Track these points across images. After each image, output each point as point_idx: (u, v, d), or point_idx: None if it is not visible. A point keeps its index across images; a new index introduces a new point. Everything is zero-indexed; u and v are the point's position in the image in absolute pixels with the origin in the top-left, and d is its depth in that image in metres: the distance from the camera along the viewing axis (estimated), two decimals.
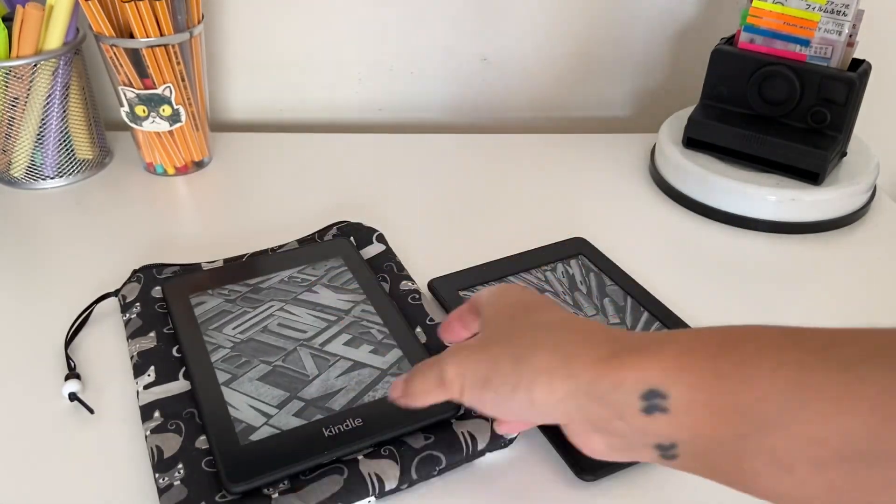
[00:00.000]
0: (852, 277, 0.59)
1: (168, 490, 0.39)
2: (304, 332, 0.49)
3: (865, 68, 0.63)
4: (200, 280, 0.54)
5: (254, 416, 0.43)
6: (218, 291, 0.52)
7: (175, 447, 0.41)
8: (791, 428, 0.25)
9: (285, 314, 0.51)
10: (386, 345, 0.48)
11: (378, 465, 0.41)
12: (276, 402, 0.44)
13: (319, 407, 0.43)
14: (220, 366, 0.46)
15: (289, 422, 0.42)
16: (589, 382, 0.30)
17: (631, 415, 0.29)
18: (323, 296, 0.52)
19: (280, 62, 0.81)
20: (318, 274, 0.54)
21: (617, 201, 0.69)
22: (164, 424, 0.43)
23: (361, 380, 0.45)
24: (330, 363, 0.47)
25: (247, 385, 0.45)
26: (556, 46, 0.81)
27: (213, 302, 0.51)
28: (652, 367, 0.28)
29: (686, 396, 0.27)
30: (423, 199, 0.68)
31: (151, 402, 0.44)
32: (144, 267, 0.55)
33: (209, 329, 0.49)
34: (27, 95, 0.65)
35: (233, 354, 0.47)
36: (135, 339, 0.49)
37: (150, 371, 0.47)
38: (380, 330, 0.49)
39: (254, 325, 0.50)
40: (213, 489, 0.39)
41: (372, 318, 0.50)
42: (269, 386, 0.45)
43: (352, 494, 0.39)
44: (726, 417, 0.27)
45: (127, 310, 0.52)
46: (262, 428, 0.42)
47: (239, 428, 0.42)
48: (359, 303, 0.52)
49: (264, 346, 0.48)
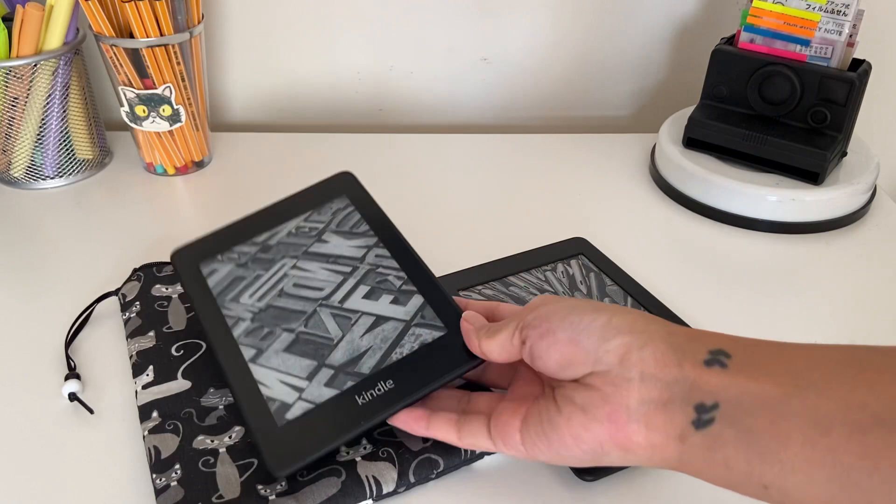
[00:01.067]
0: (852, 277, 0.59)
1: (165, 491, 0.39)
2: (321, 289, 0.47)
3: (865, 68, 0.63)
4: (208, 246, 0.51)
5: (286, 393, 0.41)
6: (228, 256, 0.50)
7: (173, 447, 0.41)
8: (835, 390, 0.28)
9: (299, 272, 0.48)
10: (406, 292, 0.46)
11: (376, 467, 0.40)
12: (305, 373, 0.42)
13: (349, 373, 0.42)
14: (244, 341, 0.44)
15: (321, 393, 0.41)
16: (668, 332, 0.34)
17: (692, 364, 0.32)
18: (334, 244, 0.49)
19: (280, 62, 0.81)
20: (324, 220, 0.51)
21: (617, 201, 0.69)
22: (161, 424, 0.43)
23: (386, 336, 0.43)
24: (352, 321, 0.45)
25: (274, 359, 0.43)
26: (557, 46, 0.81)
27: (225, 269, 0.49)
28: (724, 337, 0.33)
29: (745, 358, 0.31)
30: (423, 200, 0.68)
31: (150, 401, 0.44)
32: (144, 266, 0.55)
33: (226, 301, 0.47)
34: (27, 95, 0.65)
35: (255, 326, 0.45)
36: (134, 338, 0.49)
37: (149, 371, 0.46)
38: (397, 276, 0.47)
39: (270, 290, 0.47)
40: (209, 490, 0.39)
41: (387, 262, 0.48)
42: (295, 357, 0.43)
43: (349, 497, 0.39)
44: (776, 379, 0.29)
45: (126, 309, 0.52)
46: (296, 404, 0.41)
47: (273, 408, 0.40)
48: (371, 247, 0.49)
49: (284, 311, 0.46)
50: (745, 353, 0.31)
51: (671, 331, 0.34)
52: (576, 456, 0.35)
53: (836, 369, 0.29)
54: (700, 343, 0.32)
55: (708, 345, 0.32)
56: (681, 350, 0.33)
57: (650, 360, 0.33)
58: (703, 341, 0.33)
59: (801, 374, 0.29)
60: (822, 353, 0.30)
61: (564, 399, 0.35)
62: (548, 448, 0.35)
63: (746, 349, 0.32)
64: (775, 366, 0.30)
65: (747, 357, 0.31)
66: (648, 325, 0.34)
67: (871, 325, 0.54)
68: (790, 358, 0.30)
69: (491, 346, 0.39)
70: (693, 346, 0.32)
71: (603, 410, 0.33)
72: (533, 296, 0.54)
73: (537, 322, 0.36)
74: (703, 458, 0.31)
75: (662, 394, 0.32)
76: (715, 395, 0.31)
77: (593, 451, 0.34)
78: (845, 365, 0.29)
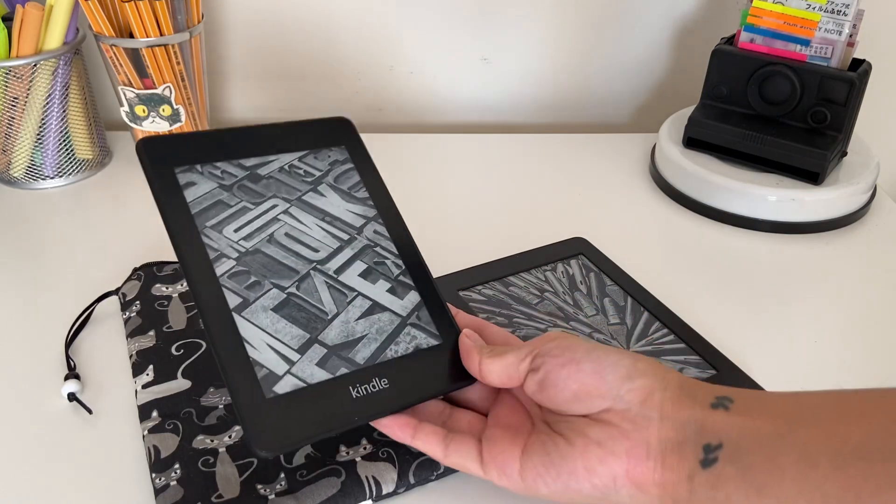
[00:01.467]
0: (852, 277, 0.59)
1: (164, 490, 0.39)
2: (316, 250, 0.43)
3: (865, 68, 0.63)
4: (186, 146, 0.43)
5: (275, 361, 0.37)
6: (209, 171, 0.43)
7: (172, 447, 0.41)
8: (822, 426, 0.30)
9: (292, 221, 0.44)
10: (403, 284, 0.44)
11: (376, 467, 0.40)
12: (297, 344, 0.38)
13: (343, 358, 0.39)
14: (228, 283, 0.39)
15: (313, 373, 0.37)
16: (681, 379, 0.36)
17: (701, 406, 0.34)
18: (331, 201, 0.46)
19: (280, 62, 0.81)
20: (321, 167, 0.47)
21: (617, 201, 0.69)
22: (161, 424, 0.43)
23: (382, 328, 0.41)
24: (348, 299, 0.42)
25: (262, 316, 0.39)
26: (557, 46, 0.81)
27: (206, 185, 0.42)
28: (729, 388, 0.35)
29: (745, 402, 0.33)
30: (422, 199, 0.68)
31: (150, 401, 0.44)
32: (145, 265, 0.55)
33: (207, 226, 0.41)
34: (27, 95, 0.65)
35: (240, 269, 0.40)
36: (134, 337, 0.49)
37: (149, 370, 0.46)
38: (395, 263, 0.45)
39: (258, 231, 0.42)
40: (209, 490, 0.39)
41: (386, 243, 0.45)
42: (286, 321, 0.39)
43: (349, 497, 0.39)
44: (772, 419, 0.32)
45: (127, 308, 0.52)
46: (286, 378, 0.37)
47: (261, 374, 0.36)
48: (370, 219, 0.46)
49: (274, 262, 0.41)
50: (745, 398, 0.34)
51: (683, 379, 0.36)
52: (583, 490, 0.35)
53: (824, 407, 0.32)
54: (708, 390, 0.35)
55: (714, 391, 0.34)
56: (692, 395, 0.34)
57: (669, 403, 0.34)
58: (710, 389, 0.35)
59: (794, 413, 0.32)
60: (813, 395, 0.33)
61: (575, 433, 0.35)
62: (555, 479, 0.35)
63: (747, 395, 0.34)
64: (772, 408, 0.33)
65: (747, 401, 0.33)
66: (666, 373, 0.36)
67: (871, 325, 0.54)
68: (785, 400, 0.33)
69: (492, 368, 0.39)
70: (702, 392, 0.34)
71: (622, 445, 0.34)
72: (533, 296, 0.54)
73: (559, 351, 0.37)
74: (707, 496, 0.32)
75: (678, 434, 0.34)
76: (719, 435, 0.32)
77: (605, 486, 0.34)
78: (832, 402, 0.32)
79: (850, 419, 0.30)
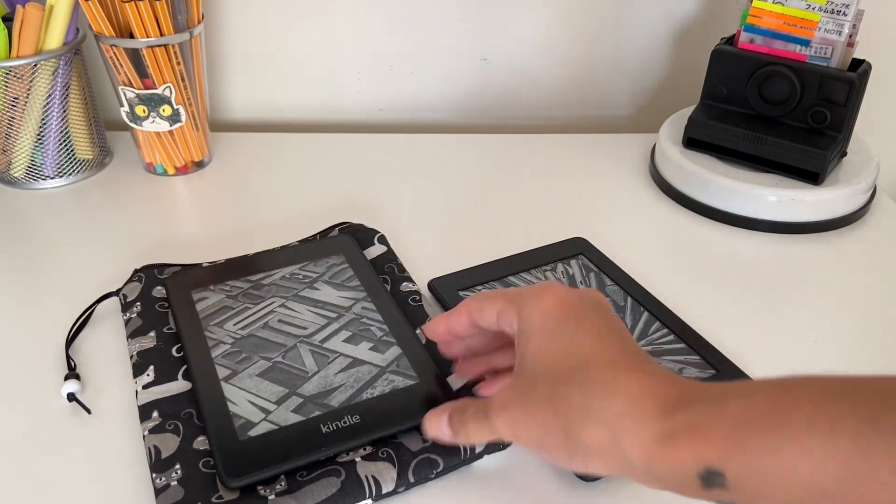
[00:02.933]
0: (852, 277, 0.59)
1: (165, 490, 0.39)
2: (304, 328, 0.49)
3: (865, 68, 0.63)
4: (203, 276, 0.54)
5: (253, 412, 0.43)
6: (220, 287, 0.53)
7: (173, 447, 0.41)
8: (849, 498, 0.25)
9: (286, 311, 0.51)
10: (385, 342, 0.48)
11: (375, 467, 0.40)
12: (275, 398, 0.44)
13: (318, 403, 0.43)
14: (221, 361, 0.46)
15: (287, 418, 0.42)
16: (645, 465, 0.30)
17: (690, 489, 0.29)
18: (324, 293, 0.52)
19: (280, 62, 0.81)
20: (319, 271, 0.54)
21: (617, 201, 0.69)
22: (162, 424, 0.43)
23: (360, 377, 0.45)
24: (329, 360, 0.47)
25: (246, 381, 0.45)
26: (557, 46, 0.81)
27: (215, 298, 0.52)
28: (708, 448, 0.28)
29: (743, 473, 0.27)
30: (422, 200, 0.68)
31: (150, 401, 0.44)
32: (146, 267, 0.55)
33: (210, 325, 0.49)
34: (27, 95, 0.65)
35: (233, 350, 0.47)
36: (135, 338, 0.49)
37: (150, 371, 0.46)
38: (380, 328, 0.49)
39: (255, 322, 0.50)
40: (210, 490, 0.39)
41: (372, 315, 0.50)
42: (268, 382, 0.45)
43: (348, 497, 0.39)
44: (782, 491, 0.27)
45: (127, 309, 0.52)
46: (261, 424, 0.42)
47: (238, 423, 0.42)
48: (359, 300, 0.52)
49: (265, 342, 0.48)
50: (737, 465, 0.28)
51: (648, 461, 0.30)
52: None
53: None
54: (686, 468, 0.29)
55: (695, 467, 0.29)
56: (672, 481, 0.30)
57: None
58: (686, 466, 0.29)
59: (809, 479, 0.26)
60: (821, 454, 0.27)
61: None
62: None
63: (736, 459, 0.28)
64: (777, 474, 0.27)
65: (742, 469, 0.28)
66: (621, 464, 0.31)
67: (871, 325, 0.54)
68: (790, 463, 0.27)
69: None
70: (681, 478, 0.29)
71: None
72: None
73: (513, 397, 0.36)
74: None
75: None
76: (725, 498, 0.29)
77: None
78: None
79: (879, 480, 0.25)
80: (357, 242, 0.57)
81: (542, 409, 0.33)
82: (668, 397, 0.30)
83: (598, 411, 0.31)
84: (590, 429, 0.31)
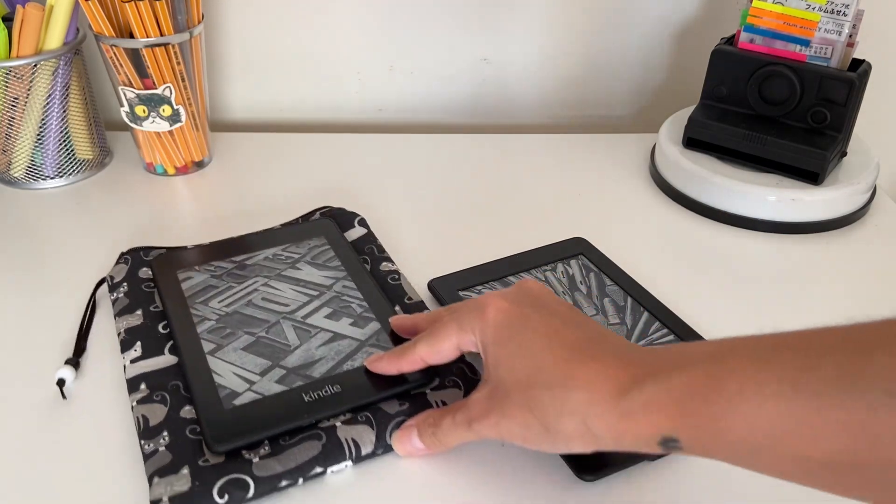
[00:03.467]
0: (852, 277, 0.59)
1: (153, 455, 0.41)
2: (286, 305, 0.51)
3: (865, 68, 0.63)
4: (187, 257, 0.56)
5: (237, 383, 0.45)
6: (205, 268, 0.54)
7: (161, 416, 0.43)
8: (778, 449, 0.29)
9: (269, 289, 0.53)
10: (365, 318, 0.50)
11: (355, 430, 0.42)
12: (259, 370, 0.46)
13: (300, 374, 0.45)
14: (206, 336, 0.48)
15: (270, 388, 0.44)
16: (614, 440, 0.35)
17: (652, 450, 0.34)
18: (306, 272, 0.54)
19: (280, 62, 0.81)
20: (301, 252, 0.56)
21: (617, 201, 0.69)
22: (149, 396, 0.44)
23: (341, 350, 0.47)
24: (311, 334, 0.49)
25: (231, 354, 0.47)
26: (557, 46, 0.81)
27: (200, 277, 0.53)
28: (662, 420, 0.33)
29: (692, 437, 0.32)
30: (423, 200, 0.68)
31: (138, 375, 0.46)
32: (132, 249, 0.57)
33: (196, 303, 0.51)
34: (27, 95, 0.65)
35: (218, 326, 0.49)
36: (122, 316, 0.51)
37: (137, 346, 0.48)
38: (360, 304, 0.51)
39: (239, 300, 0.52)
40: (196, 454, 0.41)
41: (352, 293, 0.52)
42: (252, 355, 0.47)
43: (329, 458, 0.41)
44: (726, 448, 0.31)
45: (115, 289, 0.53)
46: (245, 393, 0.44)
47: (223, 394, 0.44)
48: (340, 279, 0.54)
49: (248, 318, 0.50)
50: (687, 430, 0.33)
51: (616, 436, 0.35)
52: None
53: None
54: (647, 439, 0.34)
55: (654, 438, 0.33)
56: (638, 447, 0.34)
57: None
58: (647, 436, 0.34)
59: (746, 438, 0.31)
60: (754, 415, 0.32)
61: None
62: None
63: (686, 426, 0.33)
64: (719, 437, 0.32)
65: (691, 433, 0.33)
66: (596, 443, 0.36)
67: None
68: (728, 427, 0.32)
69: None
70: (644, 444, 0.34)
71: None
72: None
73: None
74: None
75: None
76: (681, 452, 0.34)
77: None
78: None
79: (802, 435, 0.29)
80: (338, 225, 0.60)
81: (520, 412, 0.37)
82: (621, 379, 0.34)
83: (566, 405, 0.35)
84: (564, 421, 0.35)
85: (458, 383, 0.46)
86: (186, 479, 0.39)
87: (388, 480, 0.42)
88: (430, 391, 0.45)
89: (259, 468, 0.40)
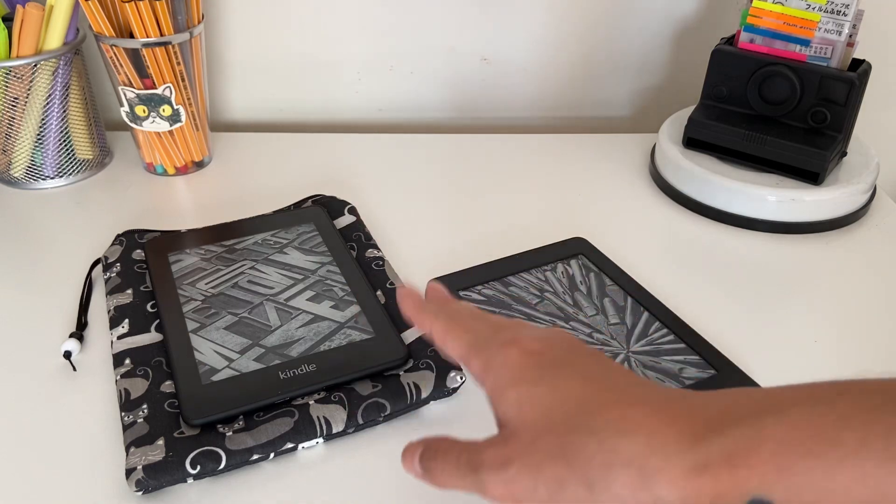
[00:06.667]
0: (852, 277, 0.59)
1: (132, 426, 0.42)
2: (271, 288, 0.53)
3: (865, 68, 0.63)
4: (180, 240, 0.58)
5: (217, 360, 0.46)
6: (195, 251, 0.56)
7: (142, 390, 0.45)
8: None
9: (255, 272, 0.54)
10: (346, 301, 0.51)
11: (327, 409, 0.43)
12: (239, 348, 0.47)
13: (278, 353, 0.47)
14: (191, 316, 0.50)
15: (248, 365, 0.46)
16: (681, 500, 0.26)
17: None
18: (293, 257, 0.56)
19: (280, 62, 0.81)
20: (290, 237, 0.58)
21: (617, 201, 0.69)
22: (133, 370, 0.46)
23: (319, 331, 0.49)
24: (292, 316, 0.50)
25: (213, 333, 0.49)
26: (557, 46, 0.81)
27: (190, 260, 0.55)
28: (751, 477, 0.25)
29: (790, 497, 0.25)
30: (422, 200, 0.68)
31: (123, 350, 0.48)
32: (127, 231, 0.59)
33: (184, 283, 0.53)
34: (27, 95, 0.65)
35: (203, 306, 0.51)
36: (113, 294, 0.53)
37: (125, 323, 0.50)
38: (342, 288, 0.53)
39: (225, 281, 0.53)
40: (172, 427, 0.42)
41: (336, 277, 0.54)
42: (233, 334, 0.48)
43: (300, 435, 0.42)
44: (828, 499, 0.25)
45: (108, 269, 0.55)
46: (224, 370, 0.46)
47: (202, 370, 0.45)
48: (325, 264, 0.55)
49: (233, 299, 0.52)
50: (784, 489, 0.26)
51: (684, 496, 0.27)
52: None
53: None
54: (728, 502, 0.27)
55: (739, 501, 0.26)
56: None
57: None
58: (729, 499, 0.27)
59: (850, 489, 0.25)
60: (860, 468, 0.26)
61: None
62: None
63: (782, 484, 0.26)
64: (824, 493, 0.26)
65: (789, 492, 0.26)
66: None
67: (871, 325, 0.54)
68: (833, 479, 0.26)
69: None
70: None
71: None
72: (533, 296, 0.54)
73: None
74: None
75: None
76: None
77: None
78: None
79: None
80: (329, 213, 0.61)
81: (553, 464, 0.28)
82: (691, 424, 0.27)
83: (618, 455, 0.27)
84: (616, 476, 0.27)
85: (430, 365, 0.46)
86: (161, 450, 0.41)
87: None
88: (403, 372, 0.46)
89: (231, 441, 0.41)
